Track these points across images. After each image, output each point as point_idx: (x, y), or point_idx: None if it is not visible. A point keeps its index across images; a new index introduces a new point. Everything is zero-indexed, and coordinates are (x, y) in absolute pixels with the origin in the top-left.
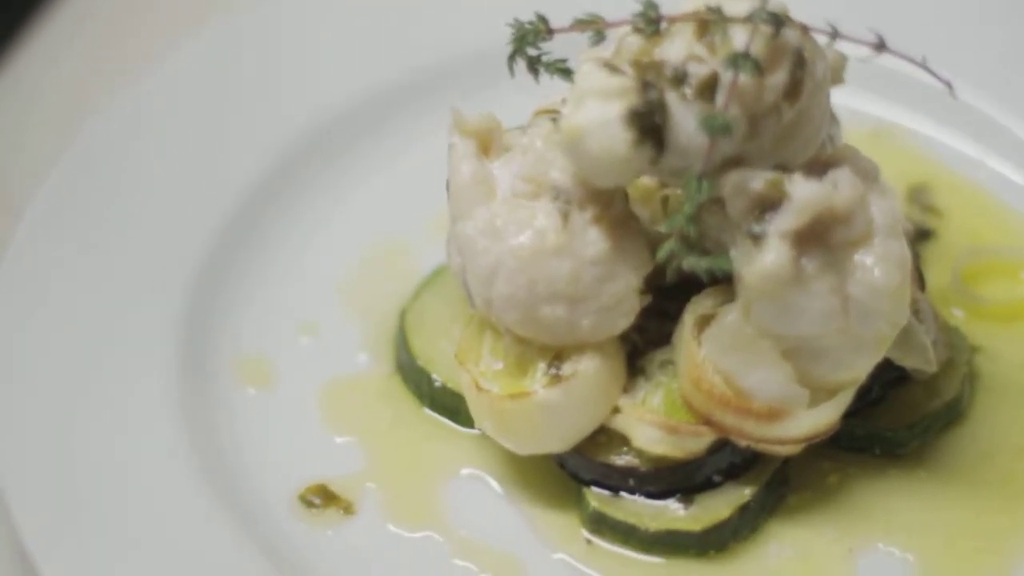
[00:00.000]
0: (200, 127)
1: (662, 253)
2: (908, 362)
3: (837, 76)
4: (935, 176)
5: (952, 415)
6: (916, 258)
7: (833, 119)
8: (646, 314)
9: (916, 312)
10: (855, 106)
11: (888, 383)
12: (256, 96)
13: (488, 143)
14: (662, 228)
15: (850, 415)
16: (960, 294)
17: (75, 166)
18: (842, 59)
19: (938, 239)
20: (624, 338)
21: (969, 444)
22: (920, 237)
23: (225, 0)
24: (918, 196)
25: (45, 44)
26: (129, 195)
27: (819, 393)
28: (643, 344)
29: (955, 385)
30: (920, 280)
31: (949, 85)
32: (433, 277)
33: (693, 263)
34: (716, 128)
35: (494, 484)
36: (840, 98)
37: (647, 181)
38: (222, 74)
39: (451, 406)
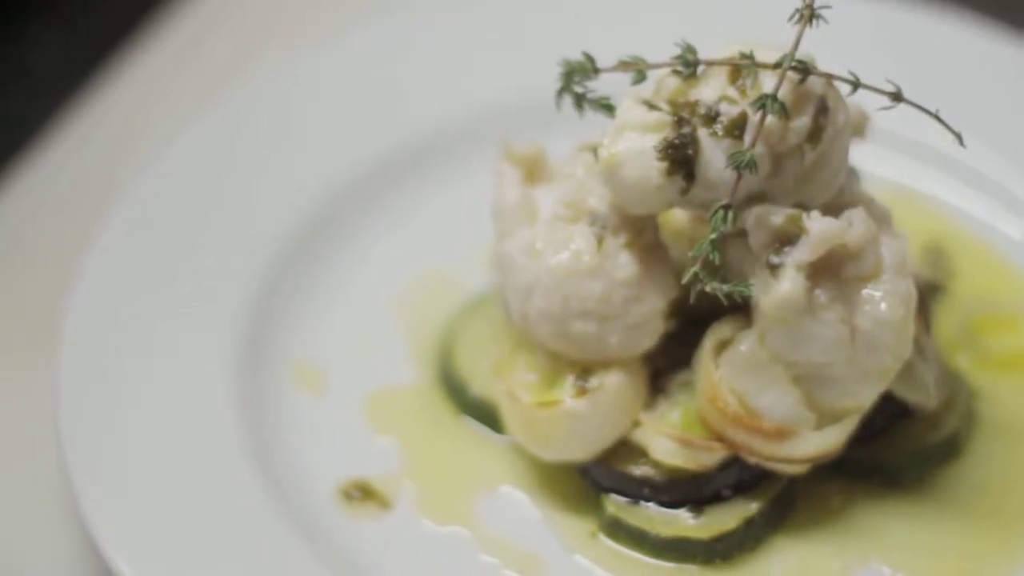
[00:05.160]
0: (278, 154)
1: (687, 276)
2: (910, 396)
3: (859, 131)
4: (950, 239)
5: (949, 450)
6: (925, 305)
7: (853, 172)
8: (669, 340)
9: (920, 351)
10: (878, 172)
11: (891, 416)
12: (332, 128)
13: (533, 170)
14: (689, 254)
15: (854, 443)
16: (965, 343)
17: (158, 182)
18: (864, 117)
19: (949, 295)
20: (648, 359)
21: (964, 478)
22: (932, 291)
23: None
24: (933, 256)
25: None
26: (209, 214)
27: (825, 418)
28: (665, 366)
29: (954, 422)
30: (926, 323)
31: (959, 136)
32: (479, 300)
33: (715, 287)
34: (742, 164)
35: (521, 488)
36: (864, 163)
37: (679, 219)
38: (294, 105)
39: (486, 415)
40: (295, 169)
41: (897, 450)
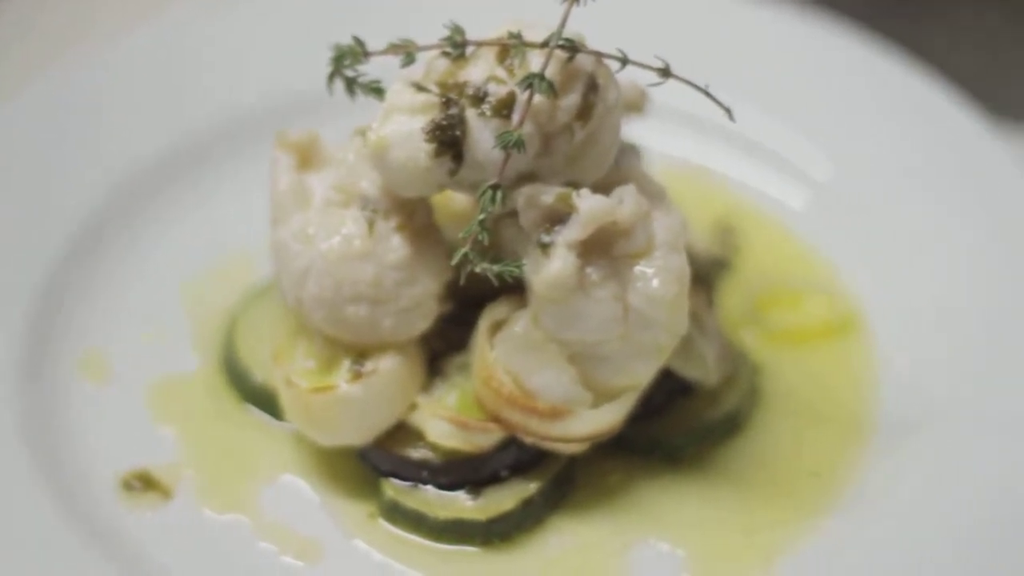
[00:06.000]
0: (67, 138)
1: (456, 258)
2: (688, 372)
3: (636, 108)
4: (738, 214)
5: (730, 426)
6: (708, 281)
7: (632, 150)
8: (447, 322)
9: (700, 327)
10: (667, 149)
11: (671, 392)
12: (120, 118)
13: (308, 157)
14: (459, 235)
15: (634, 420)
16: (749, 319)
17: None
18: (641, 94)
19: (736, 271)
20: (425, 341)
21: (744, 453)
22: (718, 267)
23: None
24: (721, 232)
25: None
26: None
27: (602, 396)
28: (443, 348)
29: (735, 398)
30: (709, 299)
31: (728, 111)
32: (262, 288)
33: (485, 267)
34: (510, 143)
35: (301, 474)
36: (652, 141)
37: (458, 202)
38: (85, 97)
39: (268, 402)
40: (82, 158)
41: (677, 427)
